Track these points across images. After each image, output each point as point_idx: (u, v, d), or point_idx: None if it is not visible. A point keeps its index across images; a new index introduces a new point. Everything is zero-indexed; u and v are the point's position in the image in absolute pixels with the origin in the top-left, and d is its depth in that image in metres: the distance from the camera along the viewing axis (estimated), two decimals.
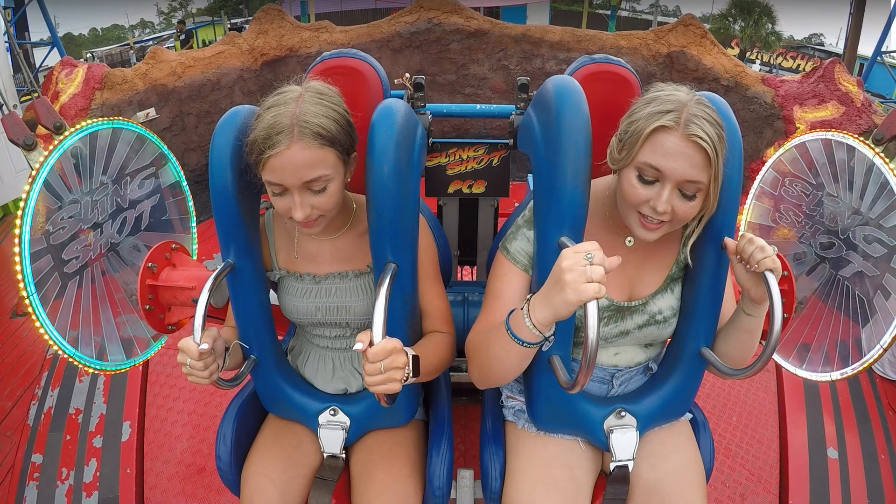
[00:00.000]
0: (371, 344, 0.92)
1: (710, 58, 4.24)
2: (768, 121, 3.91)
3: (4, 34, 4.46)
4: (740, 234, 1.07)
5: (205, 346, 1.01)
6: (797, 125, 3.62)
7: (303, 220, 1.07)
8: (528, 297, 0.98)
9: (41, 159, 1.19)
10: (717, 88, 4.18)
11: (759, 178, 1.60)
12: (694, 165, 0.97)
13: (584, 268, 0.85)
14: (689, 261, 1.15)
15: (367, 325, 0.95)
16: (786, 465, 1.90)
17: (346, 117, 1.10)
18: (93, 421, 1.98)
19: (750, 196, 1.63)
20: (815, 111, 3.56)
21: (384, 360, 0.92)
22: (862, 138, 1.32)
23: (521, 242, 1.15)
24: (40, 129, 3.11)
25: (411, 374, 0.98)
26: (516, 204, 1.50)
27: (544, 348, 1.06)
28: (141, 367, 2.37)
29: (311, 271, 1.26)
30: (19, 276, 1.14)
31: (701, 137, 0.95)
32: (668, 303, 1.18)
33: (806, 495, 1.80)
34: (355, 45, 4.60)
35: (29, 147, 1.24)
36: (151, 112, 3.07)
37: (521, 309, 0.97)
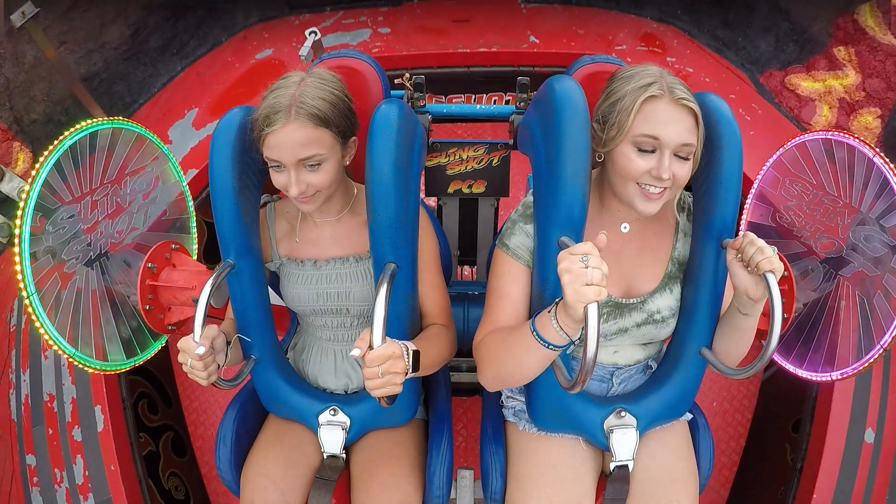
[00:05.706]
0: (371, 345, 0.92)
1: None
2: None
3: None
4: (741, 233, 1.07)
5: (201, 350, 1.03)
6: None
7: (298, 196, 1.13)
8: (557, 300, 0.97)
9: (41, 159, 1.19)
10: None
11: (759, 178, 1.60)
12: (687, 129, 1.02)
13: (582, 270, 0.86)
14: (678, 216, 1.19)
15: (368, 312, 0.96)
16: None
17: (347, 102, 1.15)
18: (67, 408, 1.89)
19: (750, 196, 1.62)
20: None
21: (382, 365, 0.93)
22: (862, 138, 1.32)
23: (521, 237, 1.15)
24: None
25: (411, 370, 0.99)
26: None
27: (569, 351, 1.06)
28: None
29: (312, 256, 1.29)
30: (19, 277, 1.14)
31: (688, 99, 1.01)
32: (666, 303, 1.18)
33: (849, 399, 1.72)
34: None
35: None
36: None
37: (549, 311, 0.97)
